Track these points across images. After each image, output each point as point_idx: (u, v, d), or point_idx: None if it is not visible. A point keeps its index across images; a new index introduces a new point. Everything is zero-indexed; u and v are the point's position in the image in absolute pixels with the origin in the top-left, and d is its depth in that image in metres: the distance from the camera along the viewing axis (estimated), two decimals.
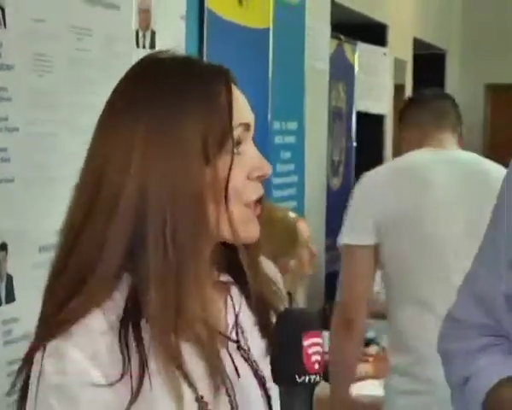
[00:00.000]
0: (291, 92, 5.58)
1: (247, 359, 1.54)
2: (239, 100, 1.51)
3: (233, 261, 1.56)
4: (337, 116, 7.08)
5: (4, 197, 2.55)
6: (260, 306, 1.57)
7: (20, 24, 2.53)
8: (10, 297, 2.62)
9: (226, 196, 1.46)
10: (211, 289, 1.51)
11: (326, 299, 5.95)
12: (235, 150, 1.48)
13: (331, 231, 5.84)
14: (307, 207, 5.87)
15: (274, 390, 1.53)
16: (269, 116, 5.17)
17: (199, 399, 1.43)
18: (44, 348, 1.38)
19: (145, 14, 3.13)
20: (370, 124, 7.92)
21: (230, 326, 1.55)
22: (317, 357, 1.44)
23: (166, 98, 1.46)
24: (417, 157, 3.59)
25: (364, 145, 7.63)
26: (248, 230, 1.51)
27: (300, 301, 4.13)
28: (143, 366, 1.38)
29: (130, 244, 1.42)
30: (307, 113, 5.88)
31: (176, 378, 1.39)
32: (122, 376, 1.37)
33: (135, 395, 1.37)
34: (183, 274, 1.42)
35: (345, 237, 3.52)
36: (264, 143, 5.09)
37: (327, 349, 3.33)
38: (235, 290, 1.58)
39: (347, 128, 7.33)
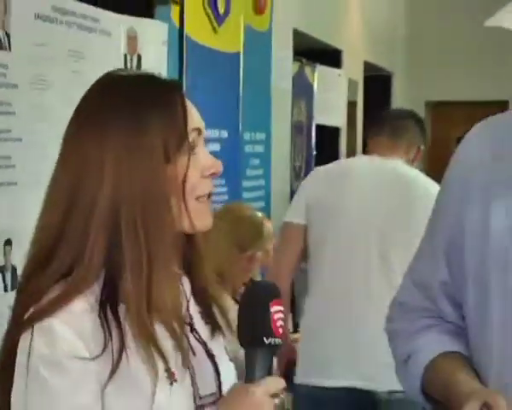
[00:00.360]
0: (259, 107, 5.59)
1: (199, 339, 1.54)
2: (191, 109, 1.52)
3: (184, 256, 1.57)
4: (299, 128, 7.09)
5: (9, 199, 2.54)
6: (205, 297, 1.58)
7: (23, 48, 2.51)
8: (15, 285, 2.61)
9: (184, 192, 1.47)
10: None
11: None
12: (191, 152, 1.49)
13: None
14: (273, 207, 5.88)
15: (222, 366, 1.56)
16: (240, 128, 5.17)
17: (168, 370, 1.43)
18: (33, 327, 1.36)
19: (132, 41, 3.13)
20: (327, 135, 7.95)
21: (184, 311, 1.54)
22: (281, 322, 1.46)
23: (131, 109, 1.45)
24: (354, 161, 3.63)
25: (322, 153, 7.65)
26: (203, 220, 1.52)
27: None
28: (122, 342, 1.38)
29: (108, 240, 1.41)
30: (273, 125, 5.89)
31: (151, 353, 1.39)
32: (103, 351, 1.37)
33: (115, 366, 1.37)
34: (154, 261, 1.42)
35: (285, 217, 3.61)
36: (236, 151, 5.09)
37: None
38: (185, 280, 1.58)
39: (307, 139, 7.33)
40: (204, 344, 1.54)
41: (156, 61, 3.29)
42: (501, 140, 1.71)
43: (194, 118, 1.51)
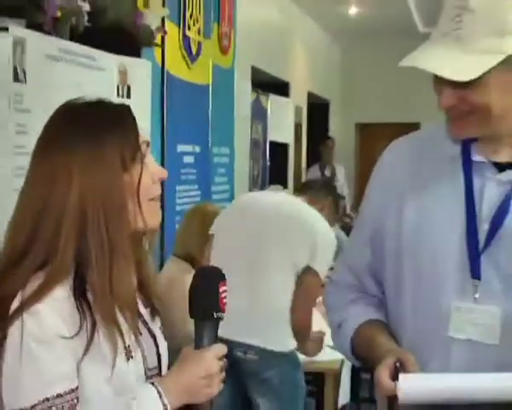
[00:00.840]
0: (224, 128, 5.59)
1: (143, 322, 1.49)
2: (139, 126, 1.47)
3: None
4: (256, 144, 7.11)
5: None
6: (146, 288, 1.52)
7: (36, 81, 2.49)
8: None
9: (138, 195, 1.42)
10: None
11: None
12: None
13: None
14: None
15: (160, 344, 1.52)
16: (209, 144, 5.17)
17: (127, 348, 1.40)
18: (22, 315, 1.31)
19: (123, 75, 3.11)
20: (278, 150, 7.98)
21: None
22: (226, 300, 1.45)
23: (91, 129, 1.40)
24: (259, 193, 3.61)
25: (275, 164, 7.69)
26: (154, 219, 1.47)
27: None
28: (94, 323, 1.35)
29: (77, 239, 1.36)
30: (236, 142, 5.89)
31: (113, 332, 1.36)
32: (80, 330, 1.33)
33: (89, 343, 1.34)
34: (115, 256, 1.37)
35: None
36: (206, 162, 5.09)
37: None
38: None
39: (263, 152, 7.36)
40: (147, 326, 1.50)
41: (142, 90, 3.28)
42: (413, 153, 1.71)
43: (142, 133, 1.46)
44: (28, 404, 1.30)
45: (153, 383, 1.41)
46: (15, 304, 1.32)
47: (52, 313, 1.32)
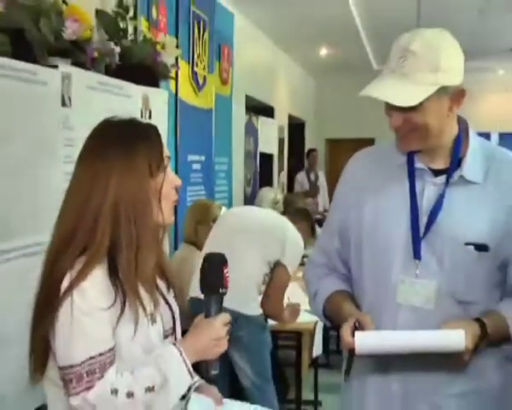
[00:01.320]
0: (224, 142, 5.60)
1: (161, 293, 1.47)
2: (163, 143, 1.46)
3: None
4: (249, 155, 7.11)
5: None
6: (162, 268, 1.49)
7: (79, 105, 2.49)
8: None
9: (160, 198, 1.41)
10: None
11: None
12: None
13: None
14: (233, 204, 5.89)
15: (175, 310, 1.51)
16: (212, 154, 5.18)
17: (151, 315, 1.39)
18: (72, 291, 1.31)
19: (146, 101, 3.10)
20: (266, 159, 7.97)
21: None
22: (228, 279, 1.45)
23: (126, 142, 1.38)
24: (250, 207, 3.61)
25: (263, 170, 7.69)
26: (170, 217, 1.46)
27: None
28: (125, 296, 1.34)
29: (111, 229, 1.35)
30: (233, 153, 5.90)
31: (136, 303, 1.35)
32: (115, 302, 1.33)
33: (121, 313, 1.34)
34: (141, 243, 1.36)
35: None
36: (210, 169, 5.10)
37: None
38: None
39: (254, 161, 7.35)
40: (163, 296, 1.47)
41: (160, 113, 3.27)
42: (370, 162, 1.72)
43: (165, 149, 1.45)
44: (78, 361, 1.31)
45: (174, 344, 1.41)
46: (66, 283, 1.32)
47: (94, 288, 1.31)
